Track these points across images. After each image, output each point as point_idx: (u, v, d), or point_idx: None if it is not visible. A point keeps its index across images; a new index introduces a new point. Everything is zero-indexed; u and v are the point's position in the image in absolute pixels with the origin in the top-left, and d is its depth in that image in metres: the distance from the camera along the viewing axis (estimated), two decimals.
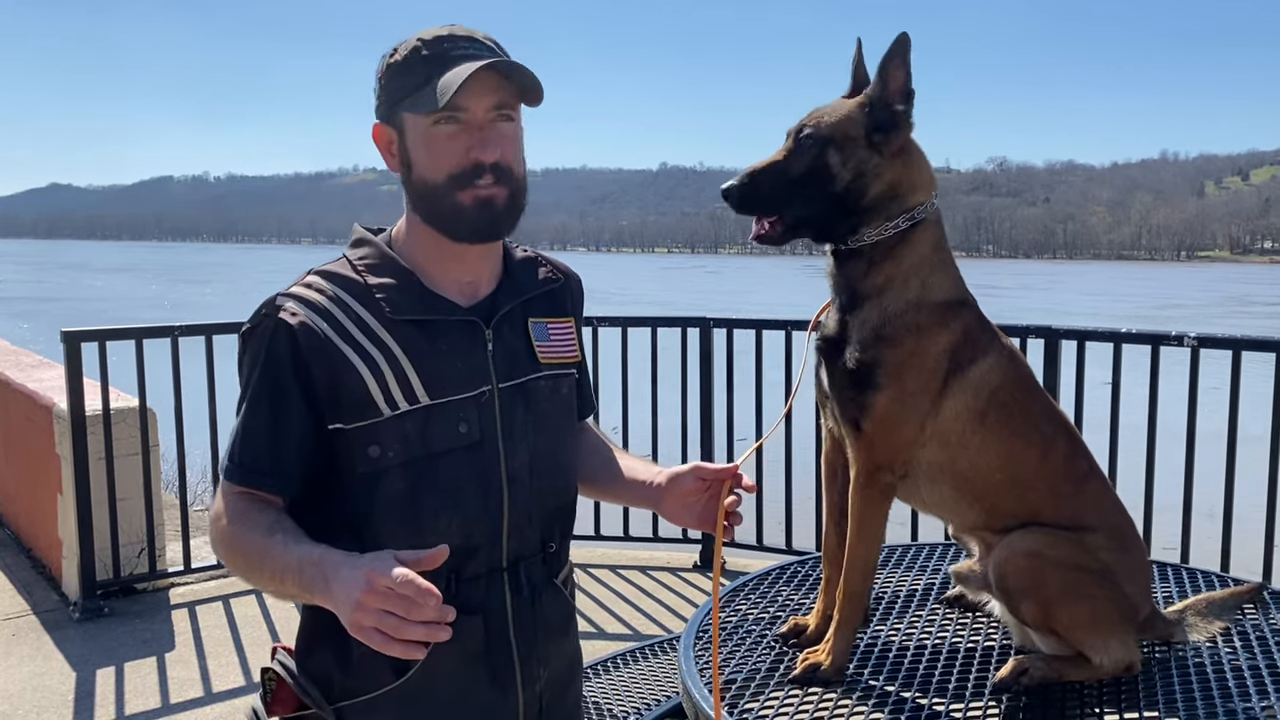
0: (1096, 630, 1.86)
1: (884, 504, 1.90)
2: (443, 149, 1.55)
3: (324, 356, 1.54)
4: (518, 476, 1.64)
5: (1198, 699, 1.81)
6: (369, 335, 1.56)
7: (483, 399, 1.61)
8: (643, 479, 1.80)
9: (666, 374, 5.77)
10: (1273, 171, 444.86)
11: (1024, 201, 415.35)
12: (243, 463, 1.57)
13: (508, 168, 1.58)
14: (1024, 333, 4.80)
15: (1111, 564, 1.88)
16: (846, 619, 1.91)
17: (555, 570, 1.76)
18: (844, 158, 1.78)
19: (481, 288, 1.68)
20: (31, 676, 4.33)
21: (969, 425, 1.86)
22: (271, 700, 1.62)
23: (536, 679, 1.69)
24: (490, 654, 1.63)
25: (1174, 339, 4.42)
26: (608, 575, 5.58)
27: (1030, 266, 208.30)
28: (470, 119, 1.55)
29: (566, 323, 1.79)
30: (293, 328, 1.55)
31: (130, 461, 5.24)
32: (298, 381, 1.55)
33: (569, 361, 1.77)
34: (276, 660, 1.66)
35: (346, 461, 1.57)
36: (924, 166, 1.86)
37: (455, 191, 1.56)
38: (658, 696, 2.85)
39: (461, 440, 1.59)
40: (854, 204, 1.81)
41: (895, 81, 1.78)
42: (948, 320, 1.84)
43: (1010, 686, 1.85)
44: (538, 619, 1.69)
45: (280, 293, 1.61)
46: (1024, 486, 1.91)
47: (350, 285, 1.60)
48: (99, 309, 42.62)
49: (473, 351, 1.62)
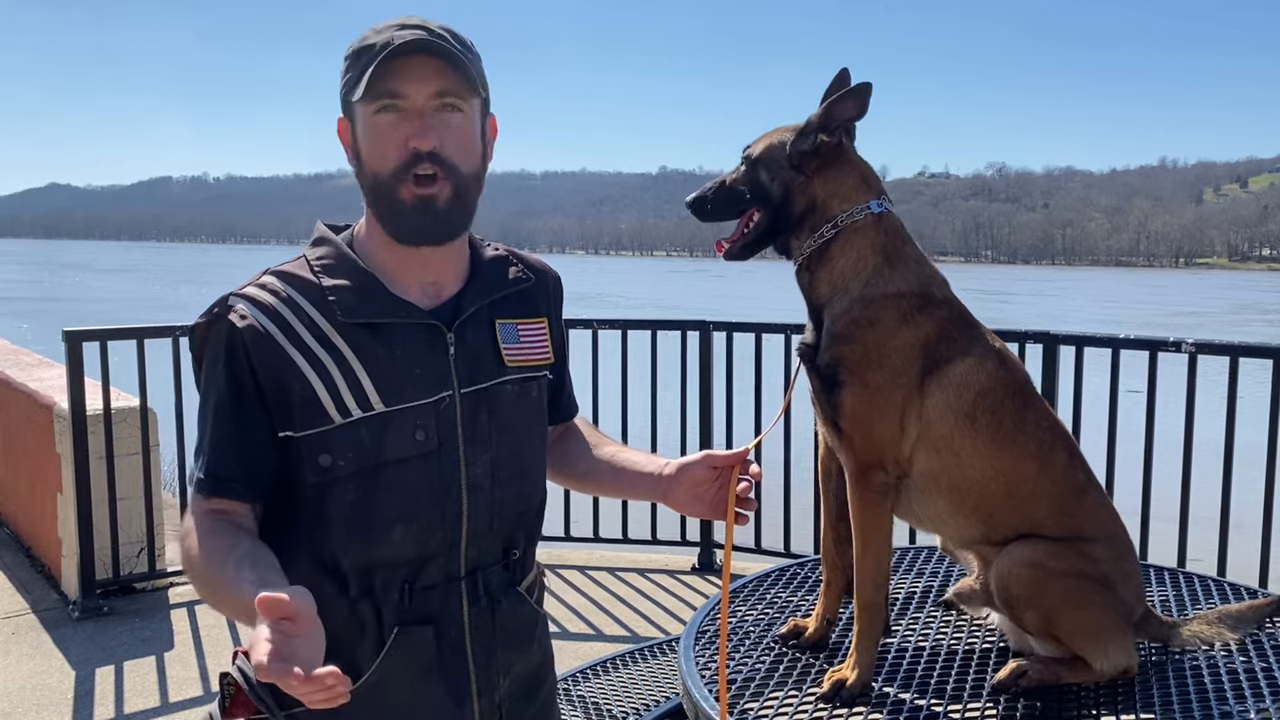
0: (1097, 637, 1.88)
1: (881, 505, 1.91)
2: (384, 138, 1.49)
3: (270, 361, 1.49)
4: (479, 484, 1.58)
5: (1194, 702, 1.82)
6: (320, 339, 1.51)
7: (442, 405, 1.55)
8: (648, 470, 1.76)
9: (666, 377, 5.79)
10: (1271, 179, 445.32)
11: (1023, 207, 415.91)
12: (212, 472, 1.51)
13: (449, 160, 1.50)
14: (1022, 337, 4.82)
15: (1109, 571, 1.89)
16: (865, 631, 1.91)
17: (518, 577, 1.69)
18: (771, 176, 1.97)
19: (446, 288, 1.62)
20: (31, 675, 4.34)
21: (957, 429, 1.88)
22: (231, 705, 1.53)
23: (495, 688, 1.63)
24: (444, 664, 1.57)
25: (1172, 345, 4.43)
26: (606, 578, 5.58)
27: (1032, 272, 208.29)
28: (410, 106, 1.48)
29: (539, 323, 1.71)
30: (240, 330, 1.50)
31: (130, 461, 5.25)
32: (253, 385, 1.50)
33: (540, 364, 1.70)
34: (235, 665, 1.54)
35: (297, 470, 1.52)
36: (848, 179, 1.96)
37: (397, 187, 1.50)
38: (657, 697, 2.86)
39: (418, 448, 1.53)
40: (786, 217, 1.98)
41: (828, 112, 1.95)
42: (908, 315, 1.88)
43: (1009, 688, 1.87)
44: (497, 628, 1.62)
45: (233, 292, 1.56)
46: (1022, 498, 1.91)
47: (304, 286, 1.54)
48: (100, 310, 42.57)
49: (432, 356, 1.56)
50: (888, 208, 1.95)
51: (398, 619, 1.54)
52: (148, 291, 61.95)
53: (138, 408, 5.24)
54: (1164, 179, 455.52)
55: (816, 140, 1.94)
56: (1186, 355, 4.40)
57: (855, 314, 1.88)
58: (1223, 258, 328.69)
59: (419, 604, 1.55)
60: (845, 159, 1.96)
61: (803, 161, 1.95)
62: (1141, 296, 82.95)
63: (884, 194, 1.97)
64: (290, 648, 1.20)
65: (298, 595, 1.24)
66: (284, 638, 1.20)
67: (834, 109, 1.93)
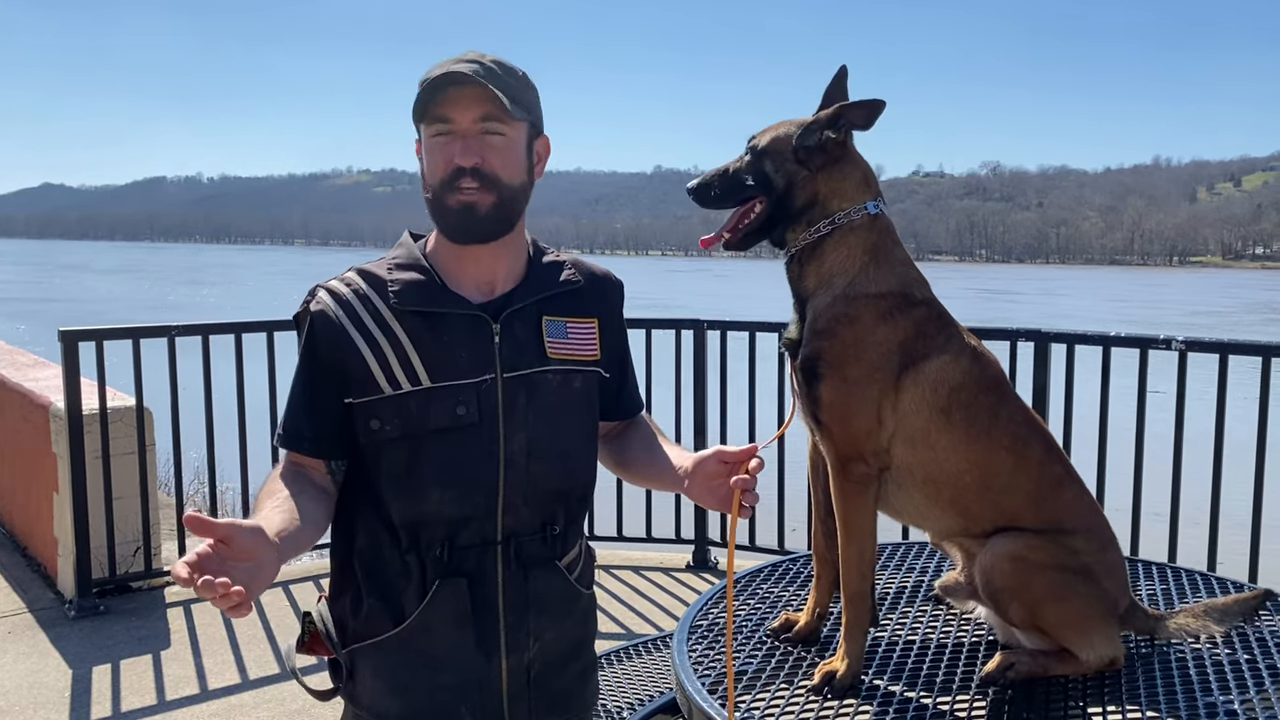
0: (1082, 628, 1.91)
1: (863, 496, 1.94)
2: (436, 156, 1.75)
3: (335, 340, 1.76)
4: (515, 459, 1.77)
5: (1179, 693, 1.85)
6: (379, 323, 1.76)
7: (484, 386, 1.76)
8: (675, 464, 1.90)
9: (661, 375, 5.81)
10: (1265, 178, 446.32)
11: (1017, 206, 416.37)
12: (285, 429, 1.81)
13: (491, 174, 1.73)
14: (1014, 335, 4.85)
15: (1092, 563, 1.92)
16: (853, 622, 1.94)
17: (558, 552, 1.85)
18: (775, 168, 1.99)
19: (499, 286, 1.83)
20: (28, 674, 4.36)
21: (933, 424, 1.91)
22: (309, 641, 1.86)
23: (524, 649, 1.81)
24: (477, 617, 1.77)
25: (1162, 343, 4.47)
26: (600, 575, 5.58)
27: (1029, 271, 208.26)
28: (457, 129, 1.73)
29: (589, 323, 1.90)
30: (314, 315, 1.79)
31: (126, 460, 5.26)
32: (321, 359, 1.77)
33: (586, 359, 1.88)
34: (317, 609, 1.89)
35: (355, 432, 1.78)
36: (850, 178, 1.99)
37: (445, 195, 1.75)
38: (651, 692, 2.89)
39: (459, 421, 1.74)
40: (786, 209, 2.00)
41: (840, 113, 1.97)
42: (888, 314, 1.92)
43: (997, 680, 1.90)
44: (530, 594, 1.81)
45: (320, 284, 1.84)
46: (998, 491, 1.95)
47: (374, 280, 1.81)
48: (97, 310, 42.48)
49: (477, 342, 1.77)
50: (883, 209, 1.99)
51: (439, 573, 1.76)
52: (150, 293, 61.51)
53: (133, 407, 5.26)
54: (1158, 178, 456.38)
55: (822, 137, 1.96)
56: (1177, 353, 4.43)
57: (837, 310, 1.92)
58: (1216, 256, 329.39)
59: (457, 560, 1.77)
60: (849, 158, 1.99)
61: (808, 156, 1.97)
62: (1153, 296, 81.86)
63: (880, 195, 2.01)
64: (223, 569, 1.36)
65: (241, 530, 1.42)
66: (218, 559, 1.38)
67: (847, 112, 1.95)
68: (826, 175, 1.98)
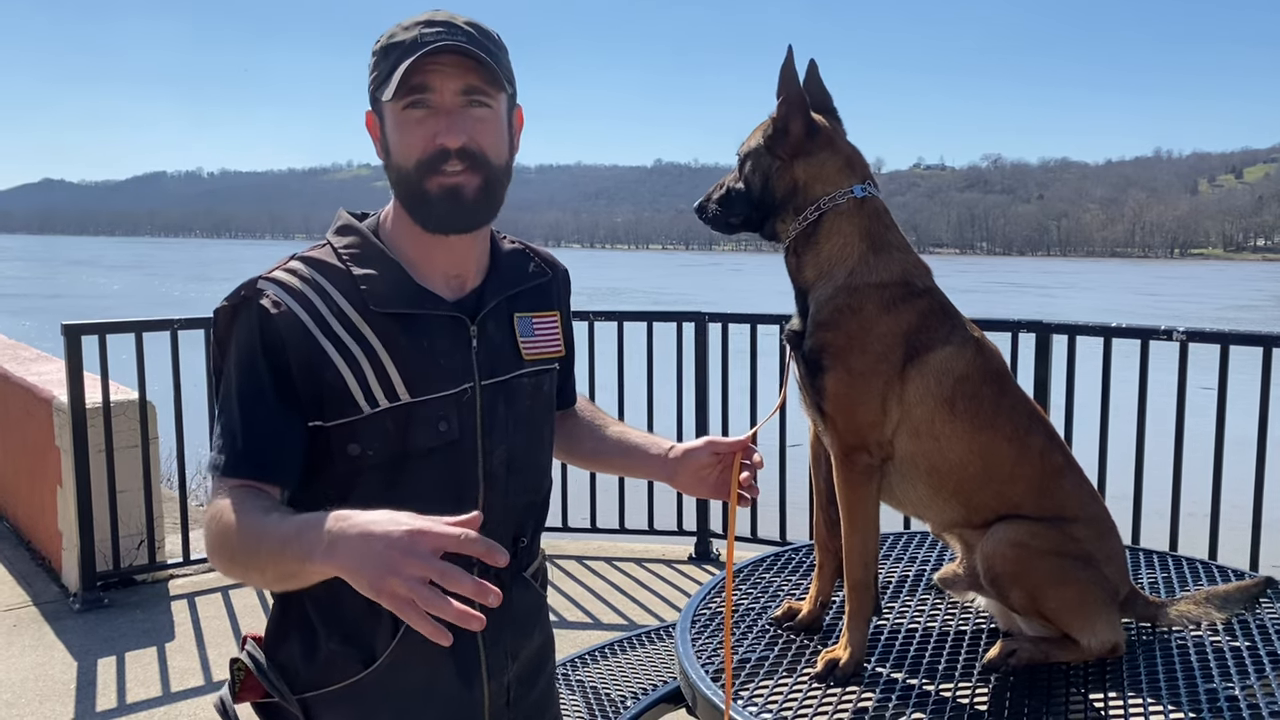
0: (1083, 614, 1.91)
1: (865, 486, 1.94)
2: (412, 134, 1.51)
3: (304, 349, 1.49)
4: (495, 474, 1.61)
5: (1180, 680, 1.86)
6: (349, 328, 1.51)
7: (464, 397, 1.56)
8: (653, 452, 1.84)
9: (662, 368, 5.82)
10: (1266, 170, 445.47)
11: (1018, 198, 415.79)
12: (248, 454, 1.47)
13: (479, 153, 1.52)
14: (1015, 327, 4.85)
15: (1092, 550, 1.93)
16: (856, 610, 1.95)
17: (525, 564, 1.73)
18: (754, 165, 2.01)
19: (468, 280, 1.64)
20: (34, 667, 4.38)
21: (938, 414, 1.91)
22: (240, 690, 1.59)
23: (504, 671, 1.67)
24: (456, 647, 1.52)
25: (1163, 333, 4.47)
26: (603, 567, 5.62)
27: (1032, 264, 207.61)
28: (438, 102, 1.50)
29: (552, 316, 1.75)
30: (274, 317, 1.49)
31: (130, 454, 5.28)
32: (285, 372, 1.49)
33: (553, 356, 1.74)
34: (245, 651, 1.62)
35: (326, 458, 1.52)
36: (830, 162, 1.97)
37: (424, 178, 1.51)
38: (655, 681, 2.90)
39: (441, 439, 1.55)
40: (768, 201, 2.01)
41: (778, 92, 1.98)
42: (891, 304, 1.91)
43: (999, 667, 1.91)
44: (505, 613, 1.54)
45: (261, 275, 1.55)
46: (1001, 480, 1.95)
47: (333, 274, 1.54)
48: (104, 306, 42.39)
49: (456, 348, 1.57)
50: (872, 193, 1.97)
51: None
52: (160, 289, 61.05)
53: (137, 401, 5.27)
54: (1159, 170, 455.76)
55: (785, 123, 1.97)
56: (1178, 344, 4.44)
57: (840, 302, 1.92)
58: (1217, 248, 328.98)
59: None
60: (828, 143, 1.98)
61: (774, 145, 1.98)
62: (1171, 289, 79.87)
63: (870, 179, 1.99)
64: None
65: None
66: None
67: (779, 88, 1.97)
68: (804, 162, 1.97)
